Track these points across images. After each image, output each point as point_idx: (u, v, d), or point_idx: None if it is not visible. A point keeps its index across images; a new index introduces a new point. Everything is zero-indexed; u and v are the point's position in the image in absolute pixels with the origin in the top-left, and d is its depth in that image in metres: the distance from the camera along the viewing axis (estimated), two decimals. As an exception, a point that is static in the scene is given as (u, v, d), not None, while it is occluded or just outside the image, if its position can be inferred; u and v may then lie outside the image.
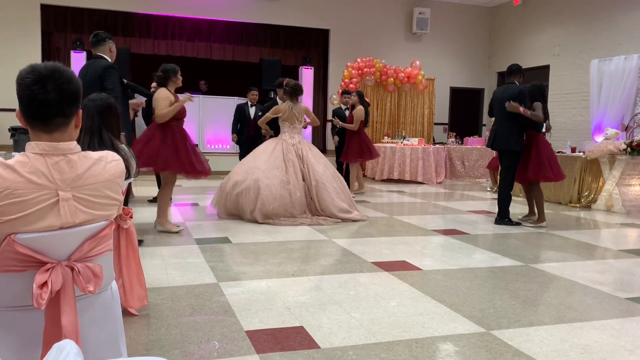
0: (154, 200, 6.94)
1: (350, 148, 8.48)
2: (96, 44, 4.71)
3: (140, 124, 7.30)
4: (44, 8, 11.23)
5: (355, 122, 8.34)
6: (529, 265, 4.36)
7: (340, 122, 8.50)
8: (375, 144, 11.13)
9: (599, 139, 9.56)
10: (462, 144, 12.05)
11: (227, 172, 6.62)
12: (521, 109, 5.75)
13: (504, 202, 6.13)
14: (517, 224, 6.12)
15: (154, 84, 6.84)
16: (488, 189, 9.81)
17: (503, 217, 6.14)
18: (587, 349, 2.69)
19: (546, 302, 3.46)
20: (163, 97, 4.95)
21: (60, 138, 1.56)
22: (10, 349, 1.53)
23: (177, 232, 5.17)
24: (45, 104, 1.51)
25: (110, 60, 4.71)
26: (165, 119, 4.94)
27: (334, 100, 11.23)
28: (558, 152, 7.97)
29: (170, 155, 4.93)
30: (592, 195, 7.77)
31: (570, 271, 4.21)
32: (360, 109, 8.36)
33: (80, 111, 1.62)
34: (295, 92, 6.27)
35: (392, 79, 11.69)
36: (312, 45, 13.35)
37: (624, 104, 10.04)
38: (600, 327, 3.01)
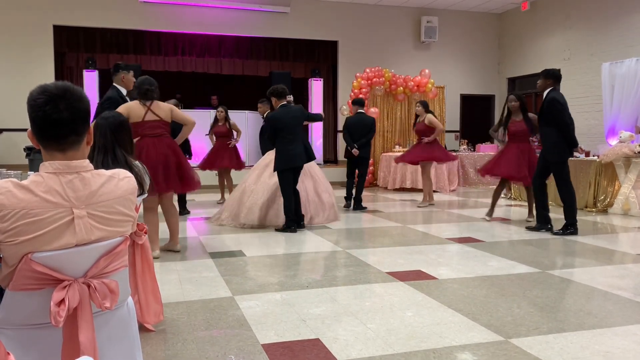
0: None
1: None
2: (112, 74, 5.08)
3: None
4: (57, 29, 11.43)
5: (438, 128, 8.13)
6: (546, 271, 4.30)
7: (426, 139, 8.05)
8: (386, 153, 11.17)
9: (613, 142, 9.45)
10: (474, 151, 11.99)
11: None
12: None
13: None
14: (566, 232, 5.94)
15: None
16: (502, 195, 9.73)
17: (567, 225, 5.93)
18: (609, 356, 2.64)
19: (565, 308, 3.41)
20: None
21: (74, 156, 1.59)
22: (29, 367, 1.54)
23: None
24: (59, 123, 1.53)
25: (123, 88, 5.04)
26: None
27: (344, 110, 11.24)
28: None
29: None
30: (608, 199, 7.67)
31: (589, 277, 4.15)
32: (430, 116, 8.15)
33: (92, 128, 1.65)
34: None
35: (401, 88, 11.68)
36: (321, 57, 13.42)
37: (637, 106, 9.91)
38: (622, 333, 2.96)
